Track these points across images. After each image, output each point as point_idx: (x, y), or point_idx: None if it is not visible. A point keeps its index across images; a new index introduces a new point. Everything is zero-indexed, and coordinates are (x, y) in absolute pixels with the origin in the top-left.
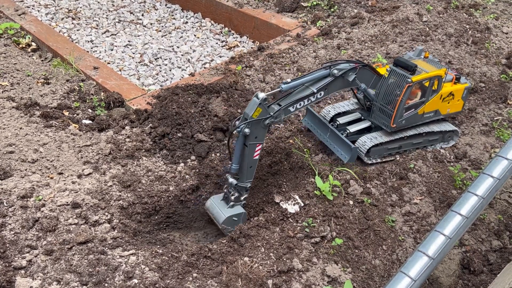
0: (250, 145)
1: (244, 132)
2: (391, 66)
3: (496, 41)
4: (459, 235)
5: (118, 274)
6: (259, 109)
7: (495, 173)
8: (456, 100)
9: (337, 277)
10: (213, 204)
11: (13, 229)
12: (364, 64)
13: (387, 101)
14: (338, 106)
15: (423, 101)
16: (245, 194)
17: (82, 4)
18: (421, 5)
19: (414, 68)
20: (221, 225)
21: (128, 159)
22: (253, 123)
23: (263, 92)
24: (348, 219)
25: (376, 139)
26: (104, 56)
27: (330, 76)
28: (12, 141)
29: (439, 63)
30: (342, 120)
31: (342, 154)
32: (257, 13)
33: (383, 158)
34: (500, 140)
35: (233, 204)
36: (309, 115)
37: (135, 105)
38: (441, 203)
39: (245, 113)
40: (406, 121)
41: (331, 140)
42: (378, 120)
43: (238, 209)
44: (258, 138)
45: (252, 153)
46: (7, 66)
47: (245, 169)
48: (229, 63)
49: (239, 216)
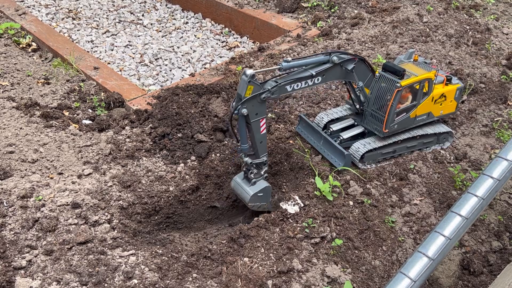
0: (253, 122)
1: (242, 112)
2: (380, 71)
3: (496, 42)
4: (459, 236)
5: (117, 274)
6: (250, 86)
7: (495, 174)
8: (449, 101)
9: (337, 277)
10: (236, 184)
11: (13, 229)
12: (362, 58)
13: (378, 106)
14: (331, 112)
15: (414, 104)
16: (264, 167)
17: (83, 4)
18: (422, 5)
19: (403, 73)
20: (248, 205)
21: (128, 159)
22: (249, 101)
23: (250, 69)
24: (348, 220)
25: (370, 144)
26: (105, 56)
27: (329, 62)
28: (12, 141)
29: (429, 65)
30: (335, 127)
31: (336, 161)
32: (258, 14)
33: (378, 163)
34: (500, 141)
35: (254, 181)
36: (302, 123)
37: (135, 105)
38: (441, 204)
39: (238, 93)
40: (398, 126)
41: (324, 148)
42: (371, 125)
43: (261, 184)
44: (259, 113)
45: (258, 129)
46: (7, 66)
47: (257, 145)
48: (230, 63)
49: (264, 190)
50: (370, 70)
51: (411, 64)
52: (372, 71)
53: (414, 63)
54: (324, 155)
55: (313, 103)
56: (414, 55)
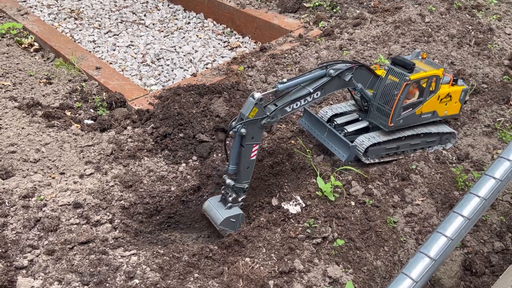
0: (247, 145)
1: (241, 132)
2: (389, 65)
3: (498, 42)
4: (461, 237)
5: (119, 274)
6: (255, 109)
7: (497, 175)
8: (454, 102)
9: (338, 278)
10: (210, 205)
11: (14, 229)
12: (360, 64)
13: (385, 100)
14: (336, 107)
15: (420, 101)
16: (242, 195)
17: (85, 4)
18: (424, 6)
19: (412, 66)
20: (218, 227)
21: (130, 159)
22: (249, 123)
23: (258, 92)
24: (349, 220)
25: (374, 138)
26: (106, 56)
27: (326, 76)
28: (14, 141)
29: (436, 64)
30: (339, 121)
31: (340, 153)
32: (259, 14)
33: (381, 158)
34: (503, 141)
35: (231, 205)
36: (306, 116)
37: (137, 105)
38: (443, 204)
39: (241, 113)
40: (403, 121)
41: (328, 140)
42: (376, 119)
43: (236, 210)
44: (255, 138)
45: (249, 153)
46: (9, 66)
47: (242, 169)
48: (231, 63)
49: (237, 217)
50: (372, 73)
51: (420, 61)
52: (374, 74)
53: (423, 60)
54: (328, 147)
55: (315, 103)
56: (422, 54)
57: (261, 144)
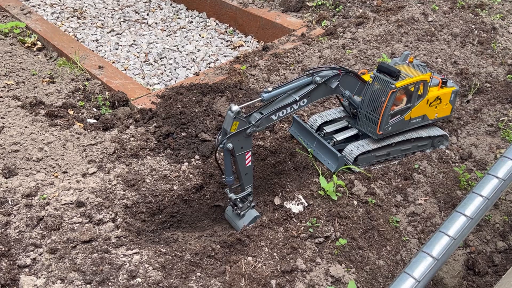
0: (238, 156)
1: (227, 147)
2: (375, 72)
3: (502, 41)
4: (464, 236)
5: (121, 273)
6: (236, 122)
7: (500, 174)
8: (444, 104)
9: (341, 277)
10: (229, 217)
11: (17, 228)
12: (347, 70)
13: (372, 108)
14: (325, 114)
15: (409, 106)
16: (250, 198)
17: (88, 3)
18: (427, 4)
19: (398, 74)
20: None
21: (133, 158)
22: (234, 136)
23: (236, 105)
24: (352, 219)
25: (363, 147)
26: (109, 56)
27: (312, 84)
28: (17, 139)
29: (424, 67)
30: (329, 129)
31: (329, 163)
32: (262, 13)
33: (372, 165)
34: (506, 141)
35: (243, 213)
36: (296, 125)
37: (139, 104)
38: (446, 203)
39: (223, 128)
40: (392, 128)
41: (318, 150)
42: (365, 127)
43: (251, 214)
44: (245, 147)
45: (243, 162)
46: (12, 65)
47: (242, 177)
48: (234, 62)
49: (255, 220)
50: (359, 79)
51: (406, 66)
52: (362, 80)
53: (409, 64)
54: (317, 157)
55: (318, 102)
56: (409, 57)
57: (263, 144)
